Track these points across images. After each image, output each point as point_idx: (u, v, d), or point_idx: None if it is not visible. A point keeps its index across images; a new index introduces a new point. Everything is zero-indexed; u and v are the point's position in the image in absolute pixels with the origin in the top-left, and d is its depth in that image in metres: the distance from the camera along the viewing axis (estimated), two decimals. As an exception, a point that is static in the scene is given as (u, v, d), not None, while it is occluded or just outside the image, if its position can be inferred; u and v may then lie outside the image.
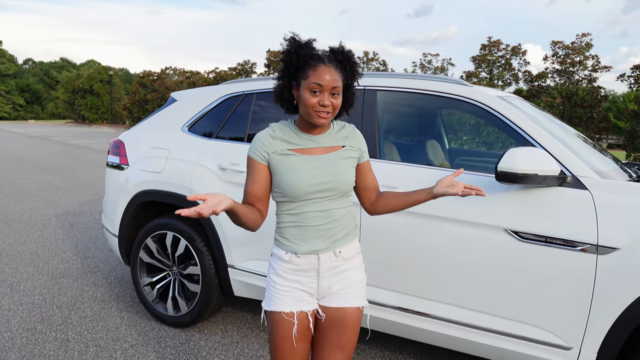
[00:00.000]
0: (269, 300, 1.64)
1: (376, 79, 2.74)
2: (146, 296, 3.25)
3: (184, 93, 3.46)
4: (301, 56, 1.53)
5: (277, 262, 1.64)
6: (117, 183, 3.37)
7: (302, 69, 1.53)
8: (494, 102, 2.42)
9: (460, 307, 2.34)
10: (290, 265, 1.61)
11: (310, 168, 1.57)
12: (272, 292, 1.63)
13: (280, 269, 1.62)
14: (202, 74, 24.94)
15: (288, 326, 1.60)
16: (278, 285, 1.62)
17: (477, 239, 2.26)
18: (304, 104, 1.52)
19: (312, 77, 1.50)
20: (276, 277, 1.63)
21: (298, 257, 1.61)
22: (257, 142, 1.60)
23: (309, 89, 1.51)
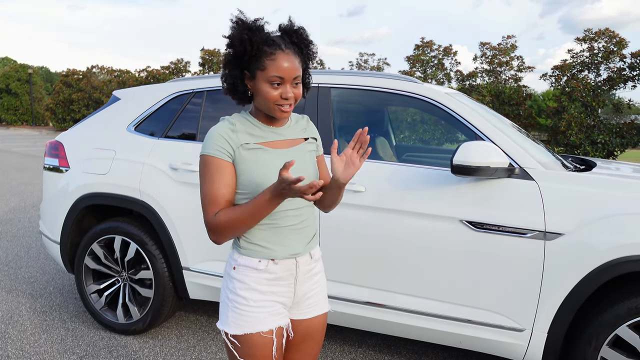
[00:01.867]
0: (237, 321, 1.39)
1: (330, 77, 2.76)
2: (93, 304, 3.08)
3: (127, 91, 3.31)
4: (255, 43, 1.33)
5: (247, 274, 1.40)
6: (56, 187, 3.16)
7: (258, 58, 1.35)
8: (443, 99, 2.53)
9: (418, 297, 2.42)
10: (265, 274, 1.40)
11: (281, 164, 1.42)
12: (241, 311, 1.39)
13: (253, 281, 1.39)
14: (132, 72, 23.88)
15: (267, 347, 1.40)
16: (251, 301, 1.39)
17: (434, 231, 2.35)
18: (264, 98, 1.36)
19: (272, 69, 1.33)
20: (247, 292, 1.39)
21: (275, 264, 1.41)
22: (217, 137, 1.36)
23: (269, 81, 1.34)
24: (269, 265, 1.40)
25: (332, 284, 2.56)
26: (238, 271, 1.41)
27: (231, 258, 1.44)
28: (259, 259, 1.40)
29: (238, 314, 1.39)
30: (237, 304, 1.40)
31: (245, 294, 1.39)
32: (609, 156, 12.06)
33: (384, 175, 2.47)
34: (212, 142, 1.37)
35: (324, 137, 2.63)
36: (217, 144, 1.37)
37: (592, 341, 2.11)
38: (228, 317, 1.41)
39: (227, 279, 1.44)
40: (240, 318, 1.39)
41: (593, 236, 2.07)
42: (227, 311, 1.41)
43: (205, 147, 1.38)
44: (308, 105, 2.72)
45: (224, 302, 1.44)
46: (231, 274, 1.42)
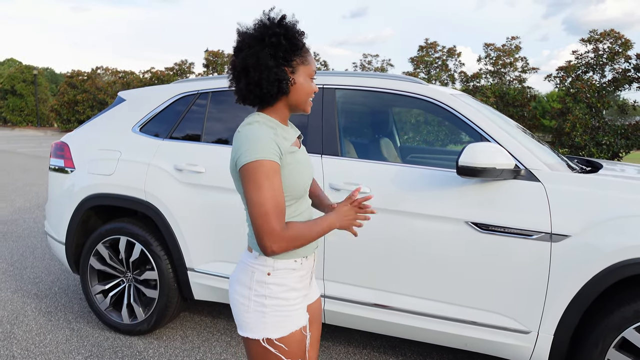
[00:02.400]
0: (281, 324, 1.38)
1: (335, 78, 2.76)
2: (98, 305, 3.09)
3: (133, 92, 3.32)
4: (294, 39, 1.35)
5: (285, 275, 1.40)
6: (62, 187, 3.18)
7: (300, 54, 1.36)
8: (449, 100, 2.52)
9: (423, 299, 2.41)
10: (300, 272, 1.43)
11: (308, 161, 1.47)
12: (285, 313, 1.39)
13: (292, 281, 1.41)
14: (136, 74, 23.96)
15: (304, 342, 1.44)
16: (291, 301, 1.40)
17: (439, 232, 2.34)
18: (305, 92, 1.39)
19: (312, 63, 1.39)
20: (288, 292, 1.40)
21: (307, 260, 1.46)
22: (268, 141, 1.30)
23: (310, 75, 1.39)
24: (303, 262, 1.44)
25: (337, 285, 2.56)
26: (275, 275, 1.39)
27: (261, 265, 1.39)
28: (295, 258, 1.42)
29: (281, 316, 1.38)
30: (278, 307, 1.38)
31: (286, 295, 1.39)
32: (614, 157, 12.00)
33: (389, 177, 2.46)
34: (264, 145, 1.29)
35: (330, 138, 2.63)
36: (271, 147, 1.30)
37: (598, 344, 2.09)
38: (267, 323, 1.37)
39: (257, 287, 1.38)
40: (285, 320, 1.38)
41: (599, 238, 2.06)
42: (263, 318, 1.37)
43: (258, 152, 1.28)
44: (313, 106, 2.72)
45: (256, 311, 1.38)
46: (266, 280, 1.38)
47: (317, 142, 2.64)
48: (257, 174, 1.28)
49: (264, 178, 1.28)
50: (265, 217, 1.27)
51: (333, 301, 2.57)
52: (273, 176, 1.29)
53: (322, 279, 2.59)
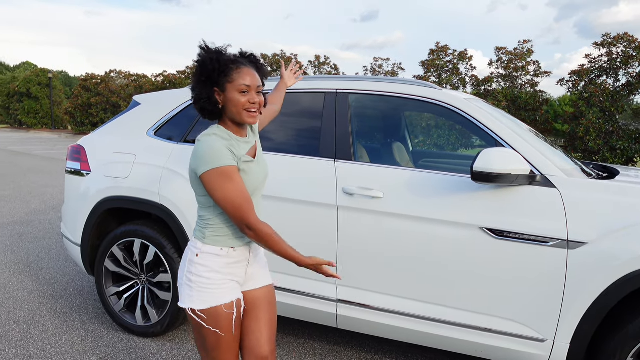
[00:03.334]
0: (202, 298, 1.64)
1: (348, 82, 2.77)
2: (113, 307, 3.12)
3: (148, 96, 3.36)
4: (222, 62, 1.61)
5: (210, 259, 1.66)
6: (78, 190, 3.22)
7: (227, 73, 1.61)
8: (462, 104, 2.52)
9: (436, 305, 2.41)
10: (225, 259, 1.67)
11: (258, 171, 1.71)
12: (206, 289, 1.64)
13: (214, 264, 1.66)
14: (149, 77, 24.18)
15: (229, 318, 1.67)
16: (214, 280, 1.65)
17: (453, 238, 2.33)
18: (235, 104, 1.61)
19: (239, 79, 1.61)
20: (210, 273, 1.65)
21: (234, 251, 1.69)
22: (222, 149, 1.56)
23: (238, 90, 1.61)
24: (229, 252, 1.68)
25: (350, 289, 2.56)
26: (201, 257, 1.65)
27: (193, 247, 1.68)
28: (221, 247, 1.67)
29: (202, 292, 1.64)
30: (201, 284, 1.64)
31: (208, 275, 1.64)
32: (628, 162, 11.85)
33: (403, 182, 2.46)
34: (221, 154, 1.56)
35: (343, 143, 2.63)
36: (227, 155, 1.57)
37: (616, 353, 2.07)
38: (192, 296, 1.64)
39: (188, 265, 1.67)
40: (205, 295, 1.64)
41: (617, 245, 2.04)
42: (190, 291, 1.65)
43: (217, 160, 1.55)
44: (326, 111, 2.73)
45: (185, 284, 1.67)
46: (194, 260, 1.66)
47: (330, 147, 2.65)
48: (220, 179, 1.55)
49: (230, 180, 1.56)
50: (240, 209, 1.56)
51: (345, 306, 2.57)
52: (233, 175, 1.57)
53: (334, 283, 2.59)
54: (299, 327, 3.27)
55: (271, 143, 2.83)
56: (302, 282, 2.65)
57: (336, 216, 2.55)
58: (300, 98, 2.86)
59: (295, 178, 2.65)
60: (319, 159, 2.65)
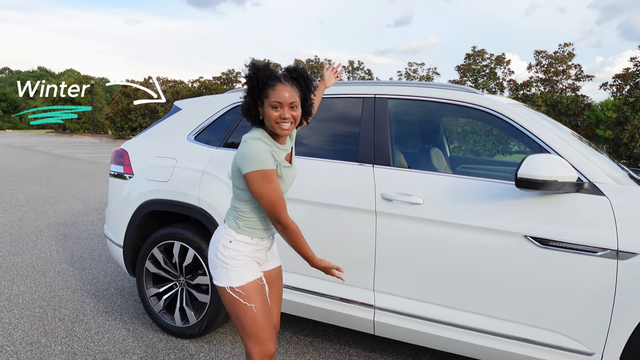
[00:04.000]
0: (238, 275, 1.86)
1: (387, 88, 2.75)
2: (153, 307, 3.19)
3: (188, 102, 3.44)
4: (260, 78, 1.79)
5: (242, 245, 1.89)
6: (121, 193, 3.31)
7: (263, 90, 1.80)
8: (505, 110, 2.46)
9: (478, 314, 2.35)
10: (255, 246, 1.93)
11: (290, 176, 1.94)
12: (239, 268, 1.87)
13: (245, 250, 1.90)
14: (185, 83, 24.78)
15: (262, 290, 1.92)
16: (246, 261, 1.90)
17: (496, 246, 2.28)
18: (268, 118, 1.81)
19: (272, 96, 1.79)
20: (242, 256, 1.89)
21: (263, 240, 1.96)
22: (266, 154, 1.77)
23: (271, 106, 1.79)
24: (259, 241, 1.94)
25: (388, 297, 2.53)
26: (234, 244, 1.89)
27: (227, 234, 1.91)
28: (252, 237, 1.92)
29: (237, 271, 1.87)
30: (235, 265, 1.87)
31: (240, 257, 1.89)
32: (677, 170, 11.31)
33: (443, 188, 2.42)
34: (264, 158, 1.77)
35: (381, 148, 2.61)
36: (269, 159, 1.78)
37: (670, 369, 1.97)
38: (229, 276, 1.87)
39: (222, 249, 1.90)
40: (240, 273, 1.87)
41: (672, 257, 1.94)
42: (226, 272, 1.87)
43: (261, 163, 1.76)
44: (365, 116, 2.72)
45: (220, 267, 1.89)
46: (227, 245, 1.89)
47: (369, 152, 2.64)
48: (264, 180, 1.77)
49: (270, 182, 1.78)
50: (275, 207, 1.79)
51: (383, 313, 2.54)
52: (271, 176, 1.78)
53: (372, 289, 2.57)
54: (334, 332, 3.26)
55: (309, 148, 2.84)
56: (338, 287, 2.64)
57: (374, 222, 2.53)
58: (338, 103, 2.86)
59: (333, 183, 2.65)
60: (357, 164, 2.64)
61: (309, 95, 1.91)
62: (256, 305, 1.88)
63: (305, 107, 1.91)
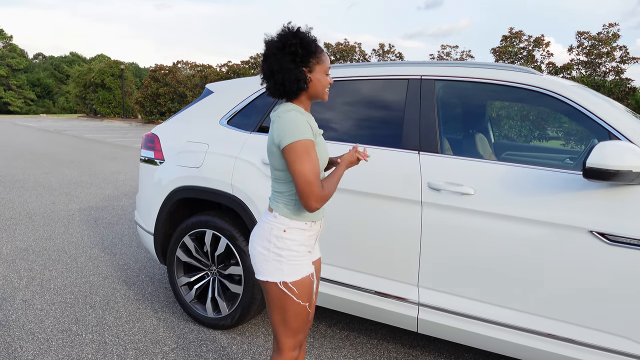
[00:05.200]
0: (294, 270, 1.71)
1: (435, 68, 2.54)
2: (184, 297, 3.10)
3: (220, 84, 3.29)
4: (304, 44, 1.66)
5: (298, 233, 1.73)
6: (152, 179, 3.22)
7: (314, 55, 1.68)
8: (570, 92, 2.23)
9: (534, 315, 2.16)
10: (309, 232, 1.77)
11: (325, 147, 1.79)
12: (297, 262, 1.72)
13: (301, 238, 1.74)
14: (214, 67, 24.77)
15: (312, 286, 1.78)
16: (302, 253, 1.74)
17: (557, 242, 2.07)
18: (322, 84, 1.72)
19: (326, 61, 1.72)
20: (298, 246, 1.73)
21: (315, 224, 1.79)
22: (303, 124, 1.63)
23: (325, 71, 1.72)
24: (312, 225, 1.78)
25: (434, 293, 2.36)
26: (289, 232, 1.72)
27: (279, 223, 1.72)
28: (306, 221, 1.75)
29: (294, 264, 1.71)
30: (291, 257, 1.71)
31: (298, 248, 1.73)
32: None
33: (497, 177, 2.22)
34: (303, 128, 1.62)
35: (428, 134, 2.42)
36: (306, 129, 1.63)
37: None
38: (283, 270, 1.70)
39: (274, 241, 1.71)
40: (297, 267, 1.71)
41: None
42: (280, 265, 1.70)
43: (299, 134, 1.61)
44: (410, 99, 2.52)
45: (273, 260, 1.71)
46: (282, 235, 1.71)
47: (414, 138, 2.45)
48: (299, 151, 1.61)
49: (305, 154, 1.61)
50: (310, 184, 1.61)
51: (428, 310, 2.37)
52: (311, 151, 1.63)
53: (416, 285, 2.40)
54: (371, 326, 3.11)
55: (348, 134, 2.67)
56: (381, 282, 2.48)
57: (420, 213, 2.35)
58: (379, 85, 2.66)
59: (375, 171, 2.47)
60: (401, 151, 2.45)
61: None
62: (304, 300, 1.75)
63: None
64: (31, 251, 4.34)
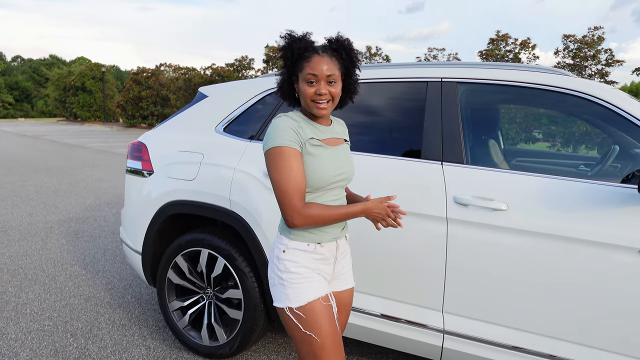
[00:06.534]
0: (297, 294, 1.55)
1: (458, 70, 2.30)
2: (176, 323, 2.80)
3: (216, 87, 3.01)
4: (295, 50, 1.55)
5: (297, 254, 1.59)
6: (139, 192, 2.91)
7: (298, 62, 1.56)
8: (610, 96, 2.01)
9: (576, 344, 1.93)
10: (313, 255, 1.60)
11: (334, 159, 1.61)
12: (299, 285, 1.56)
13: (302, 260, 1.59)
14: (198, 70, 24.33)
15: (329, 310, 1.58)
16: (304, 274, 1.58)
17: (600, 262, 1.84)
18: (303, 95, 1.56)
19: (307, 68, 1.53)
20: (299, 268, 1.58)
21: (322, 247, 1.61)
22: (286, 129, 1.52)
23: (305, 80, 1.54)
24: (316, 247, 1.60)
25: (461, 319, 2.11)
26: (288, 253, 1.59)
27: (279, 243, 1.62)
28: (307, 242, 1.59)
29: (296, 288, 1.56)
30: (292, 280, 1.56)
31: (297, 269, 1.57)
32: None
33: (532, 190, 1.99)
34: (282, 133, 1.51)
35: (452, 142, 2.18)
36: (288, 135, 1.51)
37: None
38: (287, 295, 1.56)
39: (276, 262, 1.60)
40: (300, 291, 1.55)
41: None
42: (284, 290, 1.57)
43: (276, 139, 1.50)
44: (430, 104, 2.27)
45: (278, 284, 1.59)
46: (281, 256, 1.59)
47: (437, 147, 2.20)
48: (277, 159, 1.49)
49: (283, 162, 1.49)
50: (285, 195, 1.48)
51: (454, 338, 2.13)
52: (290, 159, 1.49)
53: (440, 310, 2.15)
54: (392, 355, 2.85)
55: (362, 143, 2.41)
56: (402, 307, 2.23)
57: (445, 231, 2.10)
58: (395, 88, 2.42)
59: (394, 184, 2.22)
60: (422, 162, 2.21)
61: (353, 69, 1.63)
62: (318, 331, 1.54)
63: (348, 84, 1.65)
64: (5, 270, 3.98)
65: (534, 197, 1.98)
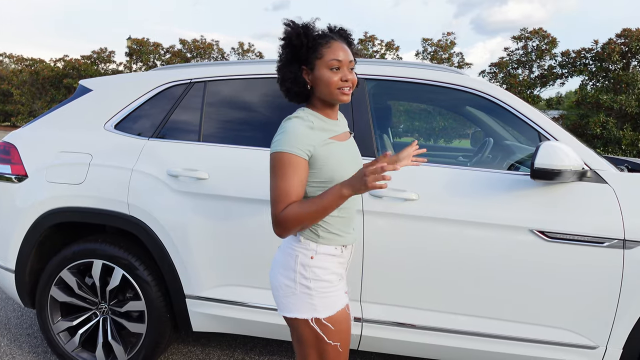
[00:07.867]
0: (327, 304, 1.47)
1: (364, 67, 2.38)
2: (63, 346, 2.48)
3: (101, 80, 2.70)
4: (310, 36, 1.47)
5: (327, 259, 1.50)
6: (10, 200, 2.50)
7: (315, 49, 1.47)
8: (502, 94, 2.24)
9: (479, 317, 2.13)
10: (339, 259, 1.55)
11: (350, 155, 1.55)
12: (329, 294, 1.48)
13: (332, 265, 1.51)
14: (47, 62, 21.74)
15: (348, 320, 1.55)
16: (334, 283, 1.51)
17: (499, 242, 2.06)
18: (326, 83, 1.46)
19: (330, 54, 1.45)
20: (330, 275, 1.50)
21: (346, 249, 1.57)
22: (299, 136, 1.42)
23: (328, 67, 1.45)
24: (343, 251, 1.54)
25: (376, 306, 2.19)
26: (317, 259, 1.48)
27: (304, 249, 1.49)
28: (335, 246, 1.52)
29: (326, 297, 1.47)
30: (322, 289, 1.47)
31: (329, 277, 1.49)
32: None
33: (437, 181, 2.14)
34: (293, 140, 1.41)
35: (364, 136, 2.25)
36: (299, 142, 1.41)
37: (686, 361, 1.92)
38: (314, 305, 1.46)
39: (300, 270, 1.48)
40: (330, 300, 1.47)
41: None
42: (309, 299, 1.46)
43: (285, 145, 1.41)
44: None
45: (300, 293, 1.47)
46: (309, 263, 1.48)
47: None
48: (276, 163, 1.42)
49: (280, 167, 1.41)
50: (273, 203, 1.42)
51: (371, 325, 2.20)
52: (291, 169, 1.40)
53: (359, 300, 2.21)
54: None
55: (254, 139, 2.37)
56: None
57: (361, 224, 2.16)
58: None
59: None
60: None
61: (355, 61, 1.57)
62: (344, 342, 1.51)
63: None
64: None
65: (442, 186, 2.12)
